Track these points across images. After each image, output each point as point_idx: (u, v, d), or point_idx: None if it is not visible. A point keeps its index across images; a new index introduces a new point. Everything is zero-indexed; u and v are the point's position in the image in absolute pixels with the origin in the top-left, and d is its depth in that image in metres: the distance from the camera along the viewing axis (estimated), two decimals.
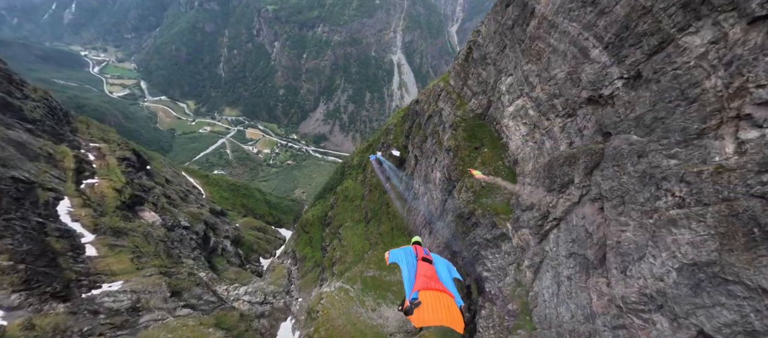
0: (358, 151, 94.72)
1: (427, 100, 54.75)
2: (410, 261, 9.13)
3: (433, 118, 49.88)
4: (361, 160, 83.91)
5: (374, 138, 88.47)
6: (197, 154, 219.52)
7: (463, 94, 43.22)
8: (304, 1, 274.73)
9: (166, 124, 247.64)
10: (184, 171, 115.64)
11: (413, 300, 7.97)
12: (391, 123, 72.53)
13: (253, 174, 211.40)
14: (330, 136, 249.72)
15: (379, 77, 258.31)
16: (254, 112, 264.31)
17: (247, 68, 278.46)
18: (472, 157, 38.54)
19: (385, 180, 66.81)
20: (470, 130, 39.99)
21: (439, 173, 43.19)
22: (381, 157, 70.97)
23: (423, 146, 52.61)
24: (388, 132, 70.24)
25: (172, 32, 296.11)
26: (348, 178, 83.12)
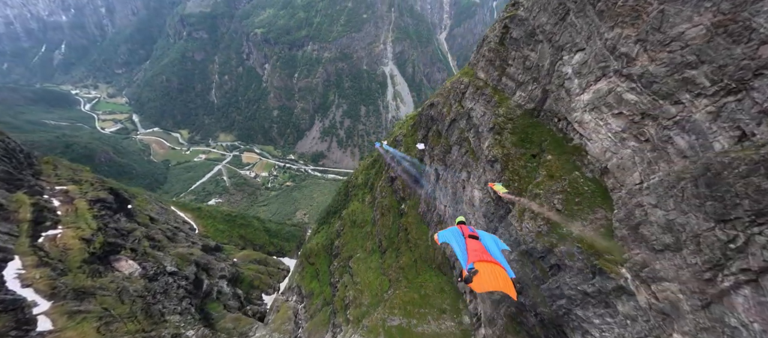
0: (362, 168, 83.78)
1: (445, 101, 44.34)
2: (459, 240, 9.94)
3: (457, 123, 39.46)
4: (366, 179, 72.89)
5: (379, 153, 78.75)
6: (193, 183, 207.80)
7: (502, 87, 32.95)
8: (291, 22, 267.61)
9: (160, 156, 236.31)
10: (173, 206, 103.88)
11: (470, 269, 8.60)
12: (399, 133, 62.00)
13: (251, 199, 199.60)
14: (328, 154, 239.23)
15: (373, 90, 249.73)
16: (249, 135, 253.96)
17: (240, 92, 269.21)
18: (529, 169, 28.02)
19: (400, 168, 57.28)
20: (521, 133, 29.51)
21: (479, 192, 32.57)
22: (387, 146, 61.06)
23: (446, 158, 42.02)
24: (396, 144, 59.66)
25: (162, 63, 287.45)
26: (354, 200, 72.03)
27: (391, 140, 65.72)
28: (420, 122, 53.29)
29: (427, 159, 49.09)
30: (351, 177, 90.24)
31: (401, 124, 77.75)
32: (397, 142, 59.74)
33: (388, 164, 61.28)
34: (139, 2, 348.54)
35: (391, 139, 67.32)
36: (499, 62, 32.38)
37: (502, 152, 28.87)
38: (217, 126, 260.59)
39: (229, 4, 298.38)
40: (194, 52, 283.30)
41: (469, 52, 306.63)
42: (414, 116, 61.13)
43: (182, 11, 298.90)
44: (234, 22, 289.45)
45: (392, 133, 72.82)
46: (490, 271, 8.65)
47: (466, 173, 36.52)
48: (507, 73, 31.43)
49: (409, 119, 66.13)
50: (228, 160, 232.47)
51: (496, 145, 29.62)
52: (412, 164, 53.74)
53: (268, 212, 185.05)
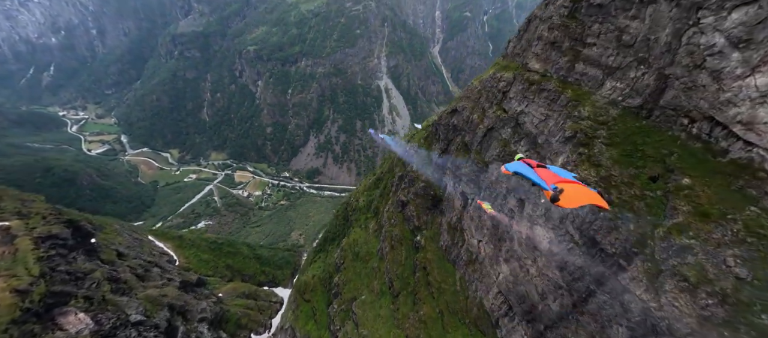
0: (363, 188, 72.43)
1: (474, 106, 33.93)
2: (529, 170, 9.54)
3: (497, 132, 29.16)
4: (369, 201, 61.43)
5: (385, 168, 67.19)
6: (182, 205, 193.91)
7: (576, 79, 22.66)
8: (284, 39, 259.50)
9: (149, 177, 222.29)
10: (151, 236, 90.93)
11: (554, 189, 8.35)
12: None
13: (244, 220, 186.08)
14: (324, 170, 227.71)
15: (368, 104, 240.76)
16: (242, 153, 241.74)
17: (232, 110, 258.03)
18: (652, 203, 17.36)
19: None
20: (625, 143, 19.00)
21: (548, 230, 21.93)
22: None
23: (481, 179, 31.42)
24: (407, 162, 49.14)
25: (153, 83, 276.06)
26: (355, 226, 60.28)
27: (398, 158, 55.58)
28: (435, 133, 42.90)
29: (448, 178, 38.50)
30: (350, 199, 78.64)
31: (411, 136, 67.35)
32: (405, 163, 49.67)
33: (395, 184, 50.69)
34: (130, 23, 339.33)
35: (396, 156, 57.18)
36: (568, 44, 22.19)
37: (597, 173, 18.23)
38: (209, 144, 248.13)
39: (222, 23, 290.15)
40: (186, 71, 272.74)
41: (462, 65, 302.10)
42: (427, 126, 50.86)
43: (174, 31, 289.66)
44: (226, 40, 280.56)
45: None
46: (574, 189, 8.39)
47: (516, 200, 25.84)
48: (585, 58, 21.15)
49: (422, 130, 55.93)
50: (219, 180, 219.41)
51: (582, 162, 19.06)
52: (421, 159, 43.18)
53: (260, 234, 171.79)
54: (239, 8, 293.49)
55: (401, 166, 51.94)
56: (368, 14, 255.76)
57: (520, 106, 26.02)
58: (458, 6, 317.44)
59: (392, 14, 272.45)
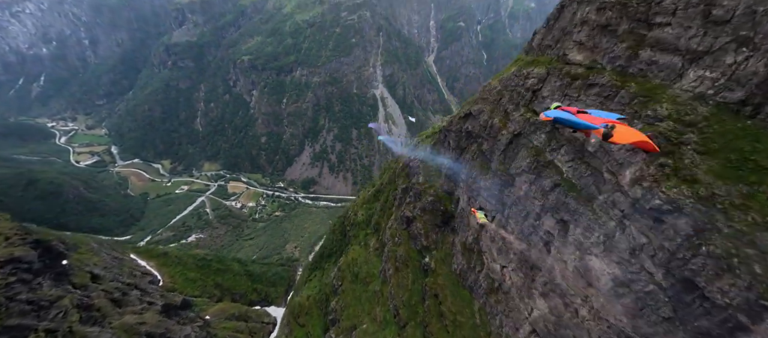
0: (362, 201, 66.90)
1: (493, 109, 28.98)
2: (571, 117, 8.96)
3: (526, 138, 24.21)
4: (368, 215, 56.05)
5: (384, 179, 61.85)
6: (173, 217, 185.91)
7: (641, 70, 17.80)
8: (279, 48, 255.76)
9: (139, 189, 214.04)
10: (133, 254, 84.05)
11: (606, 126, 8.11)
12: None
13: (237, 232, 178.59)
14: (319, 180, 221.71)
15: (364, 113, 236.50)
16: (236, 163, 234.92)
17: (226, 119, 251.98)
18: None
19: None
20: (727, 149, 14.24)
21: (613, 265, 16.79)
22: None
23: (505, 194, 26.23)
24: (411, 173, 43.89)
25: (145, 93, 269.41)
26: (353, 243, 54.52)
27: (400, 168, 50.62)
28: (444, 141, 37.97)
29: (461, 194, 33.50)
30: (348, 212, 72.96)
31: (422, 139, 62.72)
32: (411, 172, 44.39)
33: (398, 198, 45.57)
34: (123, 34, 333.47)
35: (400, 166, 52.14)
36: (627, 26, 17.49)
37: (693, 192, 13.25)
38: (202, 155, 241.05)
39: (216, 33, 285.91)
40: (179, 81, 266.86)
41: (457, 74, 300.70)
42: (435, 133, 45.93)
43: (168, 41, 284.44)
44: (221, 50, 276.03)
45: (401, 161, 57.50)
46: (624, 128, 8.16)
47: (556, 222, 20.81)
48: (653, 41, 16.36)
49: (428, 136, 51.06)
50: (212, 191, 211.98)
51: (666, 177, 14.12)
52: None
53: (254, 247, 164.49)
54: (234, 18, 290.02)
55: (404, 178, 46.84)
56: (363, 24, 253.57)
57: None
58: (452, 16, 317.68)
59: (387, 24, 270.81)
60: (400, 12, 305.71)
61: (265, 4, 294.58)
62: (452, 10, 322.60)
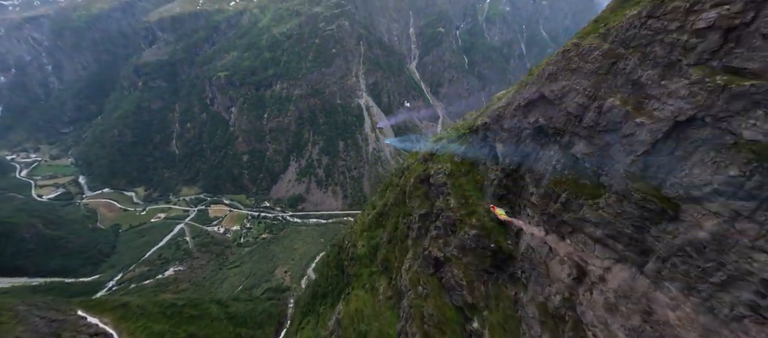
0: (361, 228, 53.63)
1: (600, 81, 16.90)
2: None
3: (710, 128, 12.51)
4: (372, 247, 43.58)
5: (389, 198, 49.28)
6: (148, 250, 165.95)
7: None
8: (257, 63, 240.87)
9: (109, 220, 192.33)
10: (82, 310, 67.36)
11: None
12: (436, 171, 34.41)
13: (220, 260, 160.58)
14: (307, 196, 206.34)
15: (350, 123, 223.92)
16: (217, 185, 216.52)
17: (204, 139, 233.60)
18: None
19: None
20: None
21: None
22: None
23: (656, 234, 14.15)
24: (435, 192, 31.32)
25: (115, 117, 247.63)
26: (355, 285, 41.75)
27: (412, 184, 38.69)
28: (482, 143, 26.18)
29: (527, 223, 21.60)
30: (344, 240, 59.42)
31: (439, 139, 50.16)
32: (434, 190, 32.70)
33: (415, 227, 33.26)
34: (89, 56, 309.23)
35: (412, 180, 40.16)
36: None
37: None
38: (179, 179, 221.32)
39: (189, 51, 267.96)
40: (151, 102, 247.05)
41: (441, 79, 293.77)
42: (467, 128, 33.53)
43: (137, 61, 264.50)
44: (195, 67, 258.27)
45: (412, 172, 44.42)
46: None
47: None
48: None
49: (454, 131, 39.15)
50: (192, 217, 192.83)
51: None
52: None
53: (240, 275, 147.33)
54: (207, 35, 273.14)
55: (422, 198, 34.66)
56: (343, 33, 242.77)
57: None
58: (431, 22, 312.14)
59: (367, 32, 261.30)
60: (380, 20, 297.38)
61: (239, 18, 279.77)
62: (430, 17, 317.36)
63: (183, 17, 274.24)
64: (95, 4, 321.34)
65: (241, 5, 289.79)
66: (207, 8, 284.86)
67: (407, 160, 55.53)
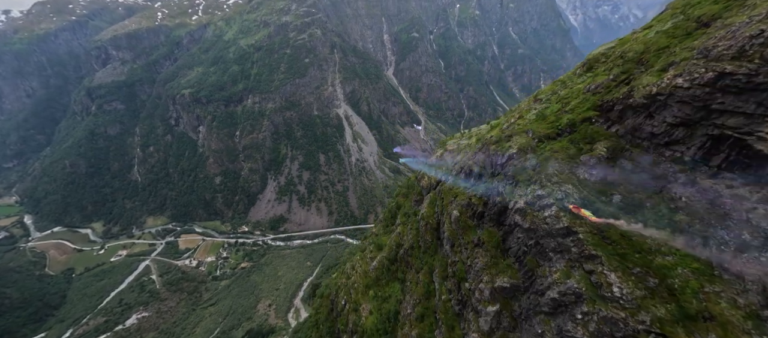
0: (364, 281, 38.05)
1: None
2: None
3: None
4: (383, 317, 29.32)
5: (406, 238, 35.30)
6: (106, 296, 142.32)
7: None
8: (225, 77, 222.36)
9: (61, 265, 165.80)
10: None
11: None
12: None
13: (193, 300, 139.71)
14: (289, 216, 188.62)
15: (329, 135, 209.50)
16: (187, 213, 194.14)
17: (170, 164, 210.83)
18: None
19: None
20: None
21: None
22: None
23: None
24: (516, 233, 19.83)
25: (66, 146, 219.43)
26: None
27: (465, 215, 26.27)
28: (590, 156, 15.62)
29: None
30: (337, 293, 44.32)
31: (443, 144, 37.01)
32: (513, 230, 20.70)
33: (479, 309, 21.23)
34: (34, 82, 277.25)
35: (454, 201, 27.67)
36: None
37: None
38: (143, 209, 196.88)
39: (149, 69, 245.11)
40: (107, 127, 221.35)
41: (419, 83, 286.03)
42: (501, 132, 23.85)
43: (89, 83, 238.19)
44: (156, 86, 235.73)
45: (452, 194, 30.32)
46: None
47: None
48: None
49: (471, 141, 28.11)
50: (159, 251, 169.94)
51: None
52: None
53: (217, 315, 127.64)
54: (168, 51, 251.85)
55: (492, 254, 22.60)
56: (315, 42, 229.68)
57: None
58: (405, 28, 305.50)
59: (340, 40, 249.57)
60: (353, 27, 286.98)
61: (203, 32, 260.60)
62: (403, 22, 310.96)
63: (140, 33, 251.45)
64: (39, 25, 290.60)
65: (204, 18, 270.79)
66: (167, 23, 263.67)
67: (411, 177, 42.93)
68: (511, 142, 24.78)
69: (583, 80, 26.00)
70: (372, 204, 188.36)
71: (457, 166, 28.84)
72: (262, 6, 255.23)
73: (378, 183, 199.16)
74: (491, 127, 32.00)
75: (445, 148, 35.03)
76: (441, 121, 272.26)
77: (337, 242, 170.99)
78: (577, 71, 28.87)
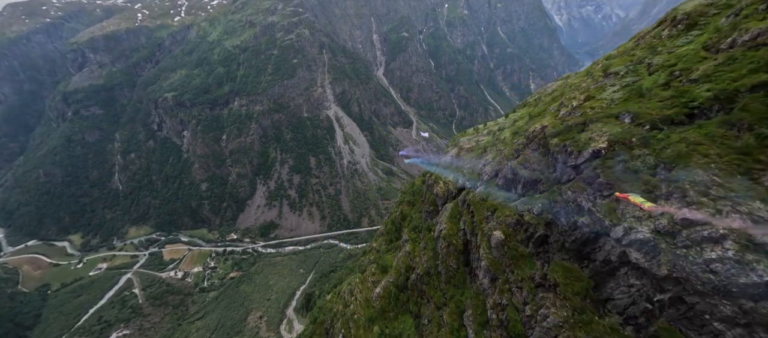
0: (367, 314, 32.32)
1: None
2: None
3: None
4: None
5: (422, 261, 30.92)
6: (84, 313, 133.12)
7: None
8: (210, 80, 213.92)
9: (35, 280, 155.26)
10: None
11: None
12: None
13: (178, 314, 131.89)
14: (280, 221, 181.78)
15: (320, 137, 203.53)
16: (172, 221, 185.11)
17: (153, 170, 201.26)
18: None
19: None
20: None
21: None
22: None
23: None
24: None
25: (40, 154, 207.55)
26: None
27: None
28: None
29: None
30: (333, 323, 38.77)
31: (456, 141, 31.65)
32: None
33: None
34: (6, 87, 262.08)
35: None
36: None
37: None
38: (125, 219, 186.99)
39: (129, 72, 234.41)
40: (84, 133, 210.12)
41: (410, 84, 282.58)
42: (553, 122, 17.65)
43: (65, 88, 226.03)
44: (137, 90, 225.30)
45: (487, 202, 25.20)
46: None
47: None
48: None
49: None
50: (142, 263, 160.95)
51: None
52: None
53: (204, 331, 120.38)
54: (149, 53, 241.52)
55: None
56: (303, 42, 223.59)
57: None
58: (394, 28, 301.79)
59: (329, 40, 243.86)
60: (341, 27, 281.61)
61: (186, 33, 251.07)
62: (393, 22, 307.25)
63: (119, 35, 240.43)
64: (11, 28, 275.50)
65: (187, 19, 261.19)
66: (147, 24, 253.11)
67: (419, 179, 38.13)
68: (590, 132, 17.80)
69: (689, 40, 19.02)
70: (365, 207, 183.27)
71: (487, 167, 22.95)
72: (247, 6, 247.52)
73: (371, 185, 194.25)
74: (529, 117, 25.92)
75: (460, 146, 30.16)
76: (433, 121, 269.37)
77: (330, 247, 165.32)
78: (662, 31, 21.29)
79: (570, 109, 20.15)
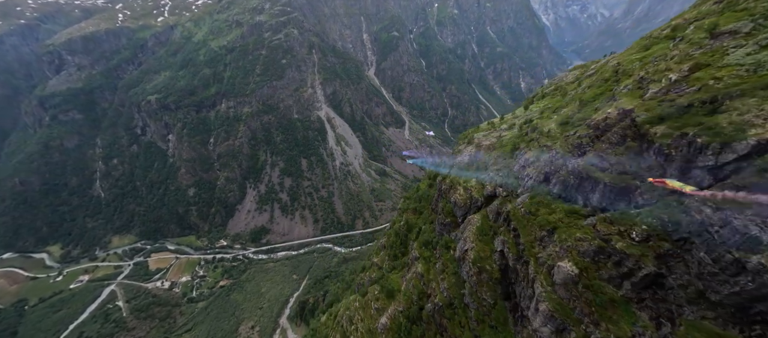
0: None
1: None
2: None
3: None
4: None
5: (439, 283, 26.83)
6: (64, 329, 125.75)
7: None
8: (195, 81, 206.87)
9: (11, 295, 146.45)
10: None
11: None
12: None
13: (166, 326, 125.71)
14: (272, 226, 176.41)
15: (311, 138, 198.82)
16: (158, 229, 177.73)
17: (137, 176, 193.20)
18: None
19: None
20: None
21: None
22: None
23: None
24: None
25: (15, 162, 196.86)
26: None
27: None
28: None
29: None
30: None
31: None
32: None
33: None
34: None
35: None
36: None
37: None
38: (108, 228, 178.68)
39: (110, 74, 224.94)
40: (63, 139, 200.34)
41: (401, 83, 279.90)
42: None
43: (42, 92, 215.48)
44: (118, 93, 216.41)
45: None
46: None
47: None
48: None
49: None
50: (126, 274, 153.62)
51: None
52: None
53: None
54: (131, 55, 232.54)
55: None
56: (292, 42, 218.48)
57: None
58: (385, 27, 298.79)
59: (319, 40, 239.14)
60: (331, 27, 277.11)
61: (170, 34, 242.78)
62: (383, 22, 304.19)
63: (98, 36, 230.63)
64: None
65: (171, 19, 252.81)
66: (129, 25, 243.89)
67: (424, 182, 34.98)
68: (733, 112, 12.01)
69: None
70: (359, 208, 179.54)
71: (528, 168, 17.37)
72: (233, 5, 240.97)
73: (364, 187, 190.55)
74: (579, 102, 19.31)
75: (476, 143, 26.33)
76: (425, 120, 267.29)
77: (324, 251, 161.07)
78: None
79: (667, 84, 14.90)
